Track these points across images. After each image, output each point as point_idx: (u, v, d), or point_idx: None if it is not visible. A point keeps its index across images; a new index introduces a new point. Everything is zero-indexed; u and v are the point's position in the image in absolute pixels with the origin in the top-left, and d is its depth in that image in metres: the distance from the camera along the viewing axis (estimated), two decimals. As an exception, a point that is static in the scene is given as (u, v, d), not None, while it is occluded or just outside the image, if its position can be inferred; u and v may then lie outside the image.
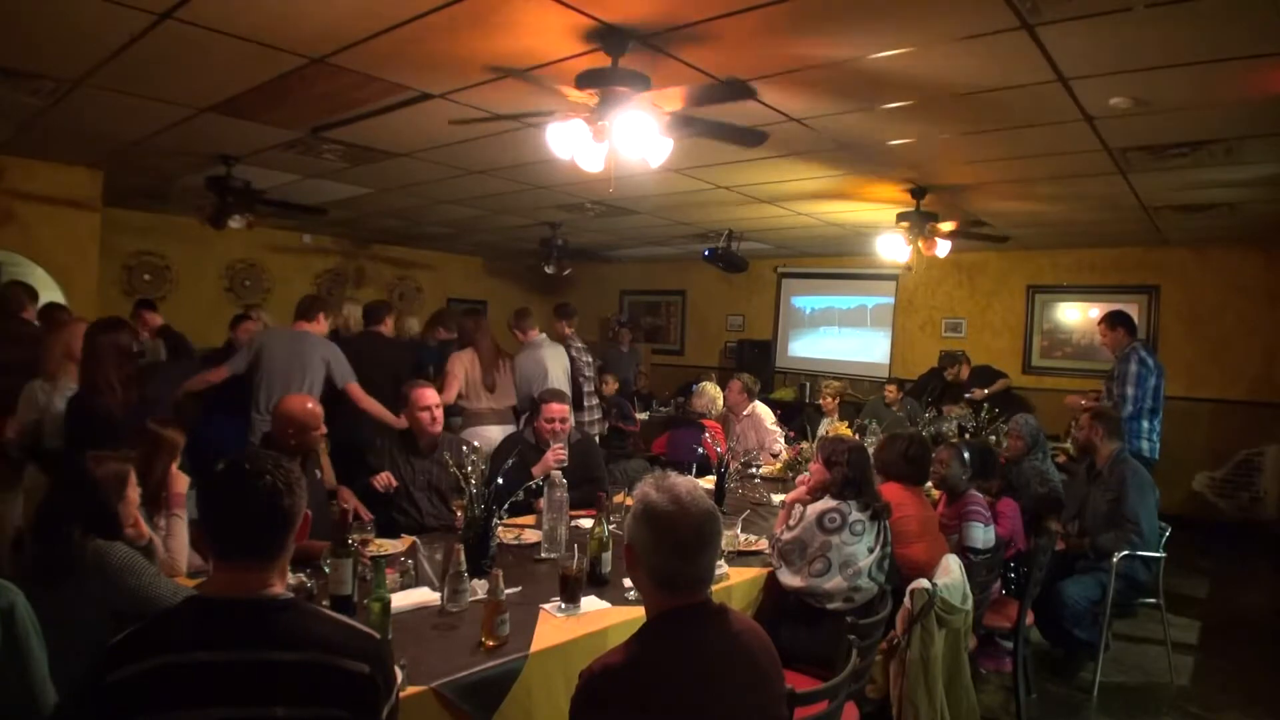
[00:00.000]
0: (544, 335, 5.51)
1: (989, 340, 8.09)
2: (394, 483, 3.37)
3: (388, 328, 5.63)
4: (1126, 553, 3.62)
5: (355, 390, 4.39)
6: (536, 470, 3.37)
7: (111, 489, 2.18)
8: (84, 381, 3.38)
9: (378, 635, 1.39)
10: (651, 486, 1.54)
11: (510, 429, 4.85)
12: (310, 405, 3.19)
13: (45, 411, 3.49)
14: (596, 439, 5.07)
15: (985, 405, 6.18)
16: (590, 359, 5.87)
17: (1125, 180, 4.77)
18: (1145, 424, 4.82)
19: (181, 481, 2.63)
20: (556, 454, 3.52)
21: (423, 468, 3.48)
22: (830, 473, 2.87)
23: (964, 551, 3.22)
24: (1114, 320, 5.05)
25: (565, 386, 5.25)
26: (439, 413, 3.53)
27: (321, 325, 4.56)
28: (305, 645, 1.28)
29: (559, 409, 3.68)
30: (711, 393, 5.61)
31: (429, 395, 3.52)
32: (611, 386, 7.64)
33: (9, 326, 4.28)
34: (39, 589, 1.81)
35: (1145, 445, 4.81)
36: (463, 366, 4.97)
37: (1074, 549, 3.86)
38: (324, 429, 3.20)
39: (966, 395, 6.87)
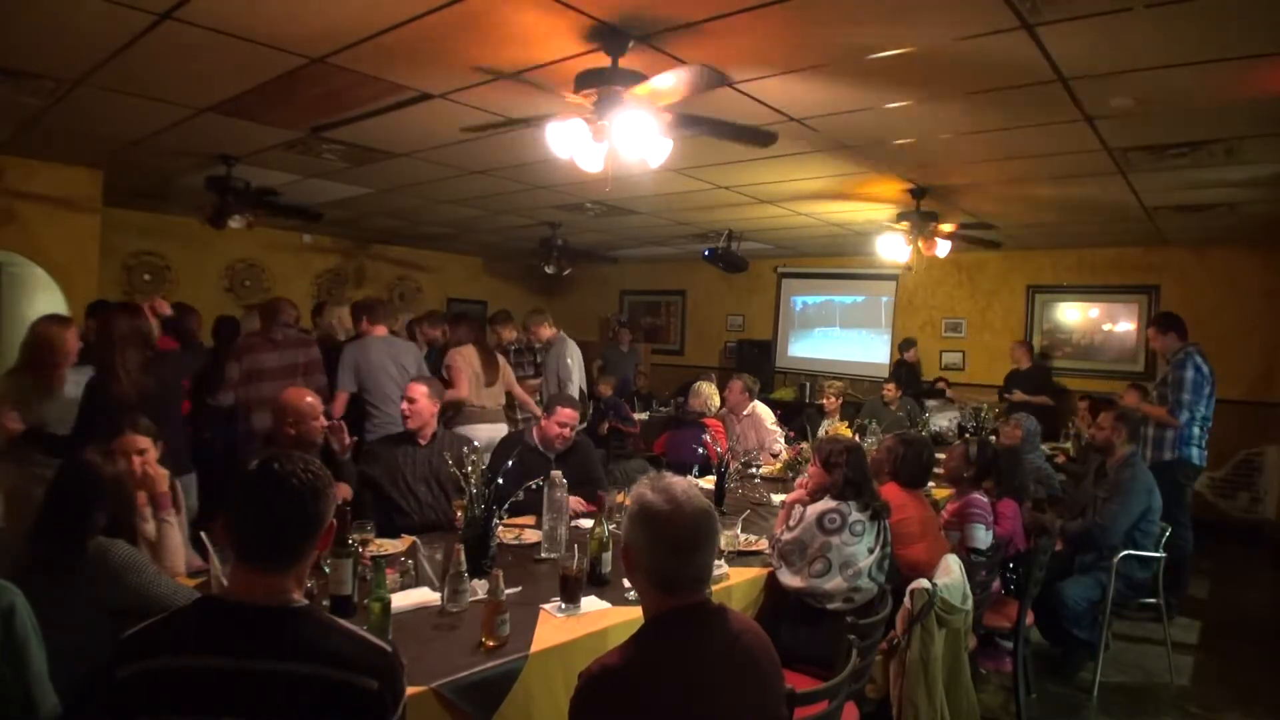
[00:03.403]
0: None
1: (989, 340, 8.08)
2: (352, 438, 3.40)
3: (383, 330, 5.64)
4: (1126, 553, 3.63)
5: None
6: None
7: (128, 485, 2.19)
8: (101, 366, 3.35)
9: (390, 649, 1.35)
10: (647, 487, 1.54)
11: (500, 427, 4.86)
12: (310, 398, 3.19)
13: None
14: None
15: (985, 405, 6.19)
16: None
17: (1125, 180, 4.76)
18: (1197, 430, 4.63)
19: (164, 480, 2.59)
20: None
21: (422, 457, 3.49)
22: (830, 474, 2.86)
23: (968, 552, 3.22)
24: (1165, 324, 4.81)
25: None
26: (415, 406, 3.47)
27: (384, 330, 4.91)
28: (315, 658, 1.27)
29: (571, 414, 3.71)
30: (707, 391, 5.60)
31: (409, 388, 3.54)
32: (606, 388, 7.60)
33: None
34: (39, 587, 1.81)
35: (1195, 453, 4.62)
36: (466, 361, 4.99)
37: (1037, 524, 3.89)
38: (324, 420, 3.21)
39: (1006, 395, 6.84)
